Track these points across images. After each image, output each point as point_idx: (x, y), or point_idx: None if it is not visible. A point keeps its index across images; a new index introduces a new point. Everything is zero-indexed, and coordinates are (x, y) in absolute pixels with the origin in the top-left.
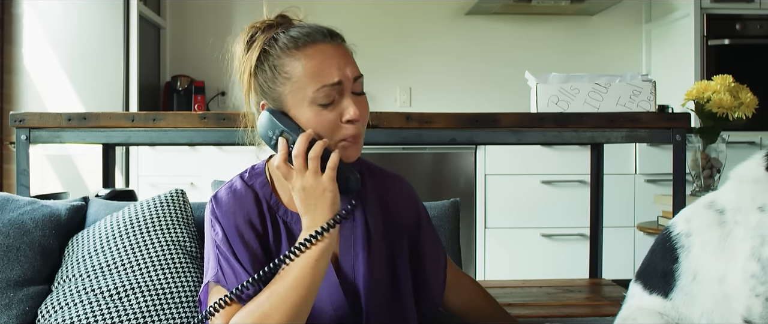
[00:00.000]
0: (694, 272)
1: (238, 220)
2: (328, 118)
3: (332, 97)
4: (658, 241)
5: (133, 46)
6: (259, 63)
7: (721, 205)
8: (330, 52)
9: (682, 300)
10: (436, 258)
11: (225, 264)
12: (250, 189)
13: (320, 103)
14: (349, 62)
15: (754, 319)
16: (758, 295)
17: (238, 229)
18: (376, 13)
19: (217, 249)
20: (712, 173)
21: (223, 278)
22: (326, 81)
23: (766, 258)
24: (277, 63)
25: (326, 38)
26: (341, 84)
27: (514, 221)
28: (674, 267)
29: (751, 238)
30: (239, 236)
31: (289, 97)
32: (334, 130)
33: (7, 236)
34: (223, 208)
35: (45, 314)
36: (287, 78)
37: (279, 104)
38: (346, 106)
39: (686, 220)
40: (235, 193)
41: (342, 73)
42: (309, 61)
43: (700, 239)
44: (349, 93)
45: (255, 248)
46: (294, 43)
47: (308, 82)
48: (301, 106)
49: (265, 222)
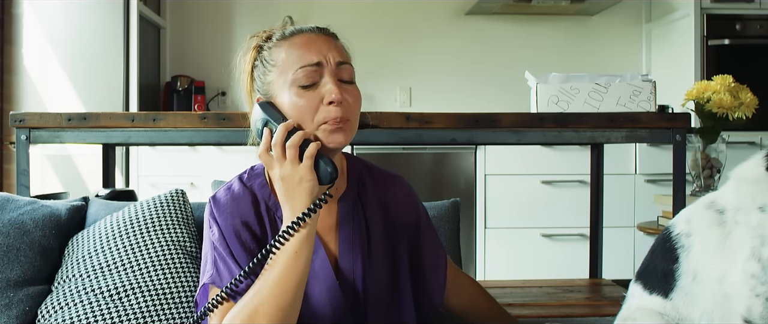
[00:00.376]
0: (695, 272)
1: (236, 221)
2: (309, 100)
3: (313, 78)
4: (658, 241)
5: (133, 46)
6: (254, 62)
7: (721, 206)
8: (314, 37)
9: (683, 300)
10: (436, 259)
11: (222, 265)
12: (248, 190)
13: (301, 85)
14: (334, 48)
15: (755, 319)
16: (758, 295)
17: (235, 229)
18: (376, 13)
19: (214, 250)
20: (712, 173)
21: (219, 279)
22: (306, 62)
23: (766, 258)
24: (267, 55)
25: (315, 31)
26: (321, 65)
27: (514, 221)
28: (674, 267)
29: (751, 239)
30: (237, 237)
31: (274, 85)
32: (314, 112)
33: (7, 236)
34: (221, 208)
35: (45, 314)
36: (273, 65)
37: (268, 94)
38: (327, 88)
39: (686, 220)
40: (234, 194)
41: (322, 55)
42: (293, 46)
43: (701, 239)
44: (331, 76)
45: (252, 249)
46: (283, 35)
47: (290, 66)
48: (283, 91)
49: (262, 223)
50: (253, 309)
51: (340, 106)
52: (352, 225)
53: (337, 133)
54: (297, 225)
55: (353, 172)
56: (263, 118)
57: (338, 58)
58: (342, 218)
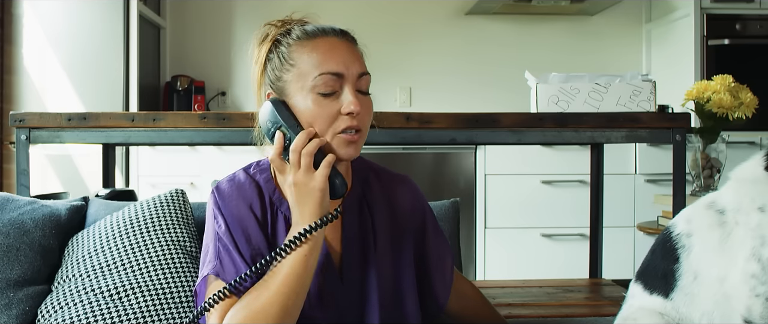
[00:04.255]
0: (695, 272)
1: (241, 209)
2: (327, 108)
3: (333, 87)
4: (659, 242)
5: (133, 46)
6: (269, 54)
7: (721, 206)
8: (337, 44)
9: (683, 300)
10: (442, 261)
11: (225, 256)
12: (253, 181)
13: (320, 92)
14: (356, 59)
15: (755, 319)
16: (758, 296)
17: (240, 218)
18: (376, 13)
19: (218, 241)
20: (712, 173)
21: (223, 270)
22: (328, 69)
23: (766, 258)
24: (286, 51)
25: (337, 34)
26: (343, 76)
27: (514, 221)
28: (675, 267)
29: (751, 239)
30: (241, 227)
31: (291, 85)
32: (331, 121)
33: (7, 236)
34: (226, 198)
35: (45, 314)
36: (292, 65)
37: (282, 93)
38: (346, 98)
39: (687, 220)
40: (238, 184)
41: (345, 66)
42: (315, 49)
43: (701, 239)
44: (351, 87)
45: (256, 240)
46: (305, 34)
47: (311, 70)
48: (301, 93)
49: (265, 213)
50: (255, 309)
51: (356, 117)
52: (357, 225)
53: (351, 146)
54: (305, 235)
55: (358, 172)
56: (277, 120)
57: (360, 69)
58: (347, 218)
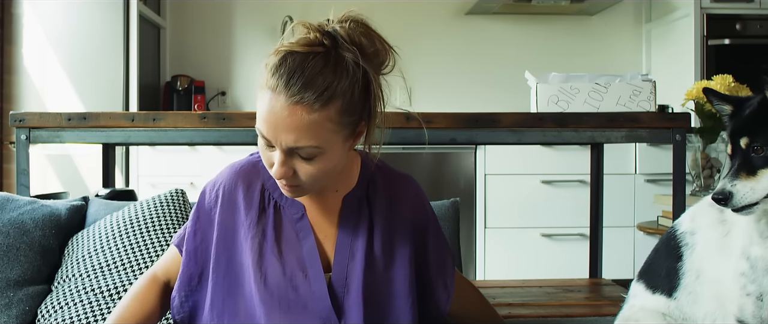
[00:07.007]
0: (698, 271)
1: (235, 182)
2: (266, 153)
3: (268, 143)
4: (663, 240)
5: (133, 46)
6: None
7: None
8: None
9: (687, 299)
10: (443, 263)
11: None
12: (253, 164)
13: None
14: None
15: (747, 318)
16: (749, 294)
17: (229, 193)
18: (375, 13)
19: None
20: (712, 173)
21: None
22: (259, 128)
23: (754, 256)
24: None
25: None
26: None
27: (514, 221)
28: (678, 265)
29: (742, 237)
30: (229, 200)
31: None
32: (269, 166)
33: (7, 236)
34: (221, 176)
35: (45, 314)
36: None
37: None
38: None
39: (691, 217)
40: (235, 165)
41: (273, 135)
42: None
43: (703, 237)
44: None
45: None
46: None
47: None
48: None
49: (262, 193)
50: None
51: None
52: (354, 223)
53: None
54: None
55: (365, 170)
56: None
57: (291, 144)
58: (344, 215)
